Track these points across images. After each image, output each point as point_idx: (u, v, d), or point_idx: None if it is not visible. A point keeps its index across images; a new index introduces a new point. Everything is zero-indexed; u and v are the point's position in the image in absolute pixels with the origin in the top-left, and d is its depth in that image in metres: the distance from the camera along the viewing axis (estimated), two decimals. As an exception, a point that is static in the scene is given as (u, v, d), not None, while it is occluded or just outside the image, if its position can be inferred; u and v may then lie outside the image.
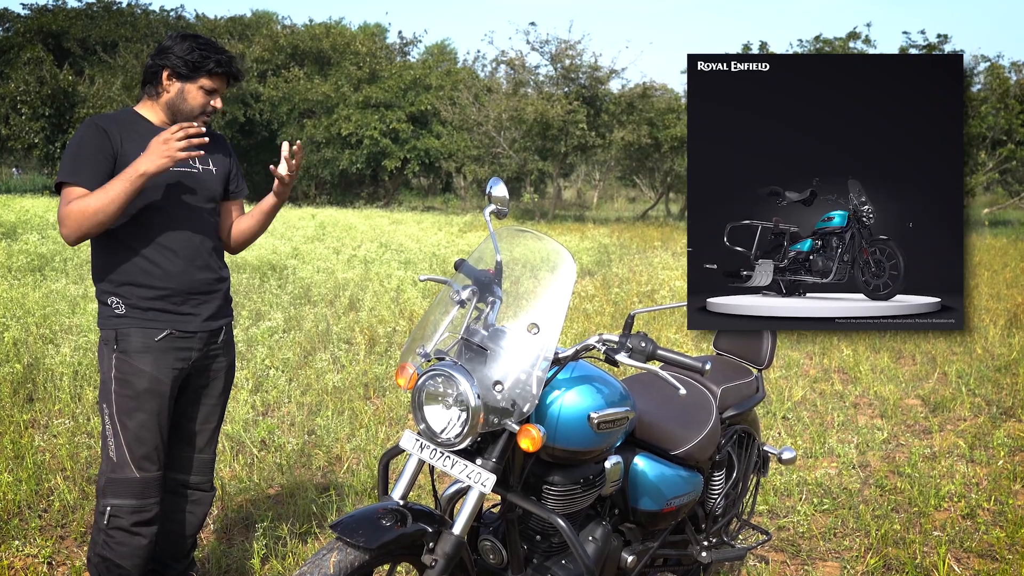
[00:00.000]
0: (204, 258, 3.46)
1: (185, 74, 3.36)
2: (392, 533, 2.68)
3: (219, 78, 3.42)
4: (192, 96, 3.38)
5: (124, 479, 3.35)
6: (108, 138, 3.28)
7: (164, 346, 3.36)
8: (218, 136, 3.67)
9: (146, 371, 3.33)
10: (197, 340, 3.45)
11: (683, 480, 3.40)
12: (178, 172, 3.38)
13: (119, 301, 3.34)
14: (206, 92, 3.40)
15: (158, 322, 3.35)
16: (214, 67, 3.37)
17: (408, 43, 36.00)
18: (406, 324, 8.96)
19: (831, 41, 27.35)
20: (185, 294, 3.40)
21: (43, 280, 10.45)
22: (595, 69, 26.78)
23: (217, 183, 3.54)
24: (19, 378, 6.54)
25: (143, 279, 3.33)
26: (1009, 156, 25.42)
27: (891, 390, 7.38)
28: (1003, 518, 4.95)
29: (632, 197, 39.42)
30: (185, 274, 3.39)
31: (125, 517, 3.35)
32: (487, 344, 2.83)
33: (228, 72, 3.43)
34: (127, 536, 3.36)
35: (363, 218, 21.76)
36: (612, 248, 17.42)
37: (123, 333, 3.34)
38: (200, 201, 3.46)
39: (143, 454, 3.36)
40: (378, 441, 5.77)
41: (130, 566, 3.38)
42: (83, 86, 28.97)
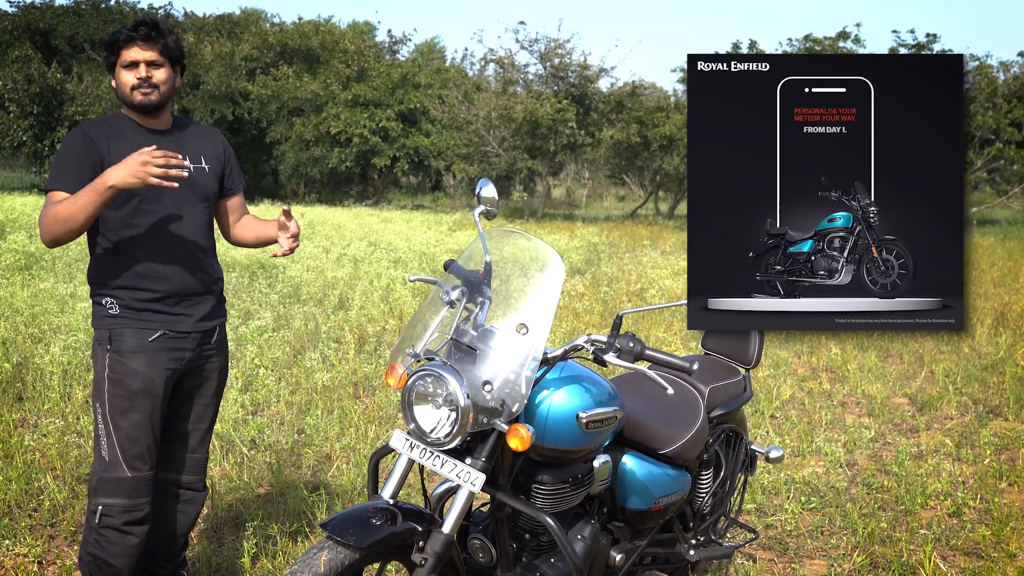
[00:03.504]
0: (199, 259, 3.46)
1: (111, 62, 3.35)
2: (382, 532, 2.69)
3: (136, 45, 3.31)
4: (121, 78, 3.33)
5: (116, 478, 3.35)
6: (94, 144, 3.28)
7: (158, 346, 3.36)
8: (211, 131, 3.64)
9: (140, 371, 3.33)
10: (191, 340, 3.45)
11: (671, 479, 3.42)
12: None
13: (113, 301, 3.34)
14: (129, 67, 3.32)
15: (152, 323, 3.35)
16: (121, 38, 3.30)
17: (397, 41, 35.96)
18: (395, 323, 8.97)
19: (821, 40, 27.39)
20: (180, 295, 3.40)
21: (32, 279, 10.42)
22: (584, 68, 26.78)
23: (211, 181, 3.52)
24: (8, 377, 6.53)
25: (138, 282, 3.33)
26: (997, 155, 25.50)
27: (878, 389, 7.42)
28: (989, 516, 4.98)
29: (621, 196, 39.43)
30: (180, 276, 3.39)
31: (116, 516, 3.36)
32: (476, 344, 2.85)
33: (137, 35, 3.31)
34: (118, 535, 3.37)
35: (352, 217, 21.73)
36: (601, 247, 17.43)
37: (117, 333, 3.34)
38: (194, 201, 3.44)
39: (135, 454, 3.36)
40: (368, 440, 5.78)
41: (121, 565, 3.39)
42: (71, 84, 28.82)
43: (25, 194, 24.48)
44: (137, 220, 3.32)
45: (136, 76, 3.32)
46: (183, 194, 3.38)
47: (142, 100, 3.33)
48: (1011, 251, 17.59)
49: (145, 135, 3.38)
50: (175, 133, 3.48)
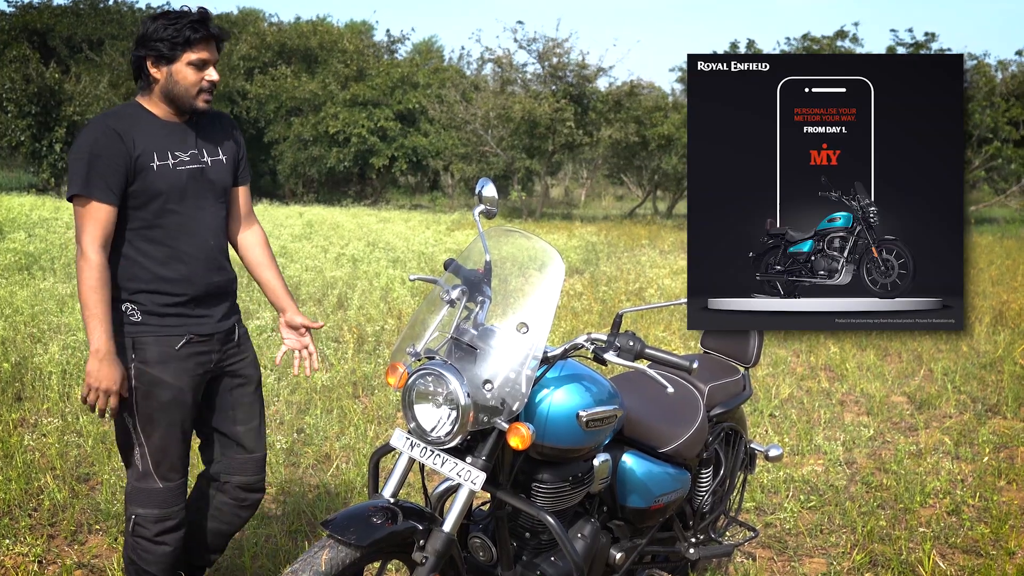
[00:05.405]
0: (218, 260, 3.38)
1: (167, 55, 3.19)
2: (383, 531, 2.70)
3: (202, 46, 3.23)
4: (182, 76, 3.21)
5: (148, 489, 3.32)
6: (122, 141, 3.16)
7: (184, 353, 3.28)
8: (223, 118, 3.52)
9: (168, 382, 3.26)
10: (215, 342, 3.38)
11: (671, 477, 3.42)
12: (190, 170, 3.27)
13: (134, 308, 3.24)
14: (195, 67, 3.23)
15: (176, 328, 3.26)
16: (191, 35, 3.19)
17: (395, 41, 35.92)
18: (394, 323, 8.97)
19: (819, 39, 27.37)
20: (201, 298, 3.32)
21: (31, 279, 10.42)
22: (582, 67, 26.74)
23: (227, 173, 3.43)
24: (7, 377, 6.53)
25: (160, 286, 3.24)
26: (995, 154, 25.48)
27: (877, 387, 7.43)
28: (988, 514, 4.99)
29: (620, 195, 39.38)
30: (201, 278, 3.30)
31: (149, 527, 3.33)
32: (477, 343, 2.85)
33: (208, 35, 3.24)
34: (151, 545, 3.35)
35: (351, 216, 21.72)
36: (600, 246, 17.43)
37: (141, 342, 3.24)
38: (212, 198, 3.36)
39: (168, 465, 3.33)
40: (367, 440, 5.78)
41: (156, 571, 3.38)
42: (69, 84, 28.78)
43: (23, 194, 24.43)
44: (161, 220, 3.23)
45: (207, 80, 3.25)
46: (203, 191, 3.31)
47: (204, 106, 3.28)
48: (1009, 250, 17.58)
49: (165, 127, 3.27)
50: (191, 123, 3.36)
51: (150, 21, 3.24)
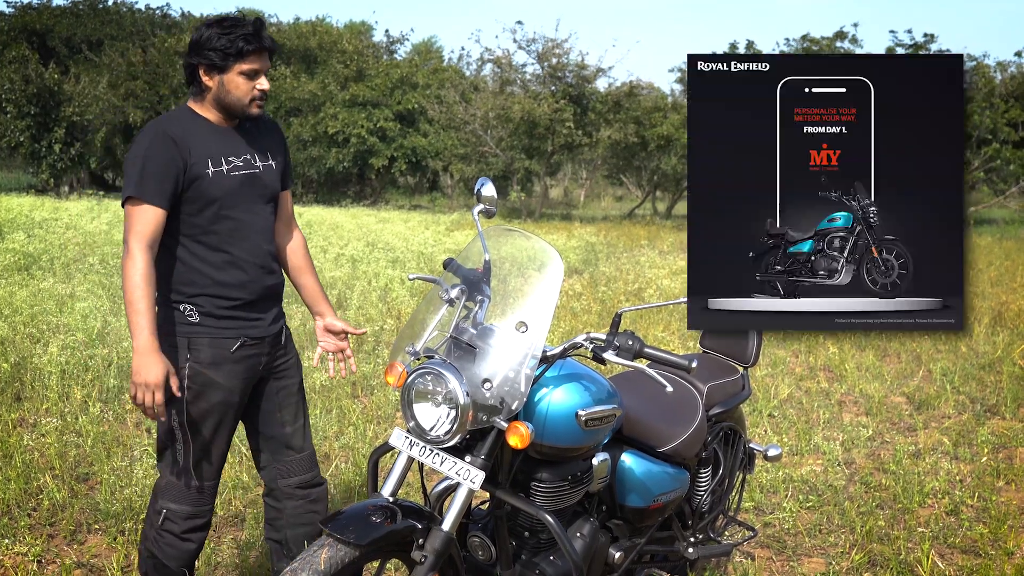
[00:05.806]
0: (270, 263, 3.42)
1: (219, 64, 3.21)
2: (382, 530, 2.71)
3: (255, 57, 3.25)
4: (234, 86, 3.23)
5: (184, 485, 3.34)
6: (177, 147, 3.17)
7: (238, 356, 3.31)
8: (271, 123, 3.55)
9: (220, 383, 3.28)
10: (266, 345, 3.41)
11: (670, 477, 3.43)
12: (243, 175, 3.30)
13: (193, 309, 3.25)
14: (247, 76, 3.24)
15: (231, 330, 3.29)
16: (244, 46, 3.20)
17: (395, 41, 35.93)
18: (393, 323, 8.97)
19: (818, 40, 27.38)
20: (255, 302, 3.35)
21: (30, 279, 10.42)
22: (582, 68, 26.75)
23: (276, 178, 3.45)
24: (7, 377, 6.54)
25: (218, 290, 3.26)
26: (994, 155, 25.49)
27: (876, 388, 7.43)
28: (986, 514, 4.99)
29: (619, 196, 39.38)
30: (256, 282, 3.34)
31: (179, 523, 3.34)
32: (476, 342, 2.86)
33: (261, 47, 3.26)
34: (177, 541, 3.35)
35: (350, 217, 21.73)
36: (599, 246, 17.44)
37: (196, 343, 3.26)
38: (263, 202, 3.39)
39: (207, 464, 3.35)
40: (366, 439, 5.78)
41: (175, 567, 3.38)
42: (69, 85, 28.82)
43: (23, 194, 24.45)
44: (217, 226, 3.25)
45: (259, 88, 3.27)
46: (254, 196, 3.33)
47: (257, 111, 3.31)
48: (1008, 251, 17.59)
49: (217, 132, 3.29)
50: (242, 128, 3.38)
51: (204, 28, 3.25)
